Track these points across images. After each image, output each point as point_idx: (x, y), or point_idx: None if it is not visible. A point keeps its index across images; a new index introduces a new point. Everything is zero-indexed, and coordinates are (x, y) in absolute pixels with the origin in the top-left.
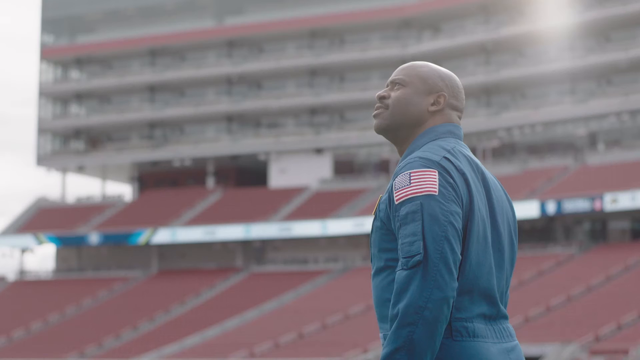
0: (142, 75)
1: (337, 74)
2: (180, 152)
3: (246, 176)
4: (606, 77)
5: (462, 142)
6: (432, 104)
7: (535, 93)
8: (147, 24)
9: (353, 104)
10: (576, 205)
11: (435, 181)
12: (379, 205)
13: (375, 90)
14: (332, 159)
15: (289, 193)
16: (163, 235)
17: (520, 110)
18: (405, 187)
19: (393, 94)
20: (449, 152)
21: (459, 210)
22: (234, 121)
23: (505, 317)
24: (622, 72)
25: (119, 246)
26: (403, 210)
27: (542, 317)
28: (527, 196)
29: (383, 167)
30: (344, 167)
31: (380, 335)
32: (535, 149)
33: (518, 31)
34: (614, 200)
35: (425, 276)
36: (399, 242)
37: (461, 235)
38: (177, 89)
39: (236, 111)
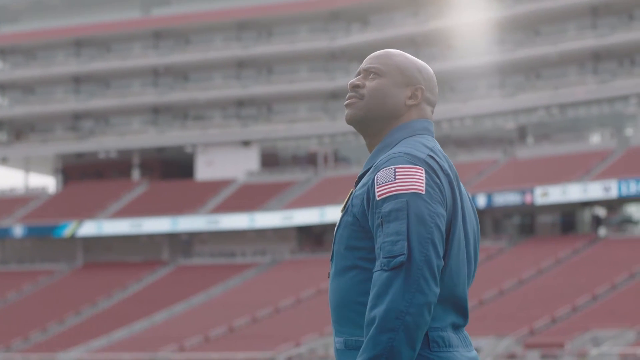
0: (67, 66)
1: (265, 66)
2: (105, 143)
3: (172, 168)
4: (535, 70)
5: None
6: (410, 98)
7: (464, 86)
8: (72, 14)
9: (281, 97)
10: (506, 198)
11: (422, 179)
12: (351, 200)
13: (303, 82)
14: (259, 151)
15: (216, 185)
16: (89, 228)
17: (449, 104)
18: (389, 183)
19: (369, 84)
20: (431, 150)
21: (444, 213)
22: (160, 113)
23: (465, 325)
24: (552, 65)
25: (44, 239)
26: (386, 207)
27: (475, 311)
28: None
29: (311, 160)
30: (272, 159)
31: (339, 339)
32: (465, 143)
33: (447, 24)
34: (545, 194)
35: (408, 279)
36: (380, 240)
37: (445, 240)
38: (103, 80)
39: (162, 103)
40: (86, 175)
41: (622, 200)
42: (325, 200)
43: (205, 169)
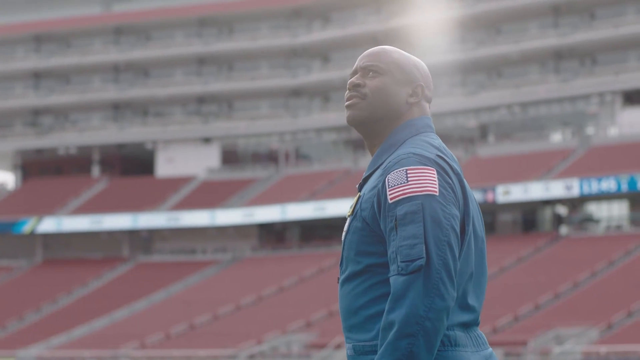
0: (27, 61)
1: (226, 63)
2: (65, 140)
3: (132, 165)
4: (497, 69)
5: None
6: (411, 95)
7: None
8: (32, 9)
9: (242, 93)
10: None
11: (435, 181)
12: (360, 203)
13: (264, 79)
14: (220, 148)
15: (176, 182)
16: (48, 224)
17: None
18: (401, 185)
19: (370, 83)
20: (438, 149)
21: (458, 214)
22: (120, 109)
23: (478, 324)
24: (513, 64)
25: (3, 235)
26: (401, 210)
27: None
28: None
29: (272, 157)
30: (232, 156)
31: (348, 346)
32: None
33: (409, 22)
34: (506, 192)
35: (427, 283)
36: (395, 243)
37: (460, 242)
38: (63, 76)
39: (123, 99)
40: (46, 172)
41: (584, 199)
42: (287, 197)
43: (165, 166)
